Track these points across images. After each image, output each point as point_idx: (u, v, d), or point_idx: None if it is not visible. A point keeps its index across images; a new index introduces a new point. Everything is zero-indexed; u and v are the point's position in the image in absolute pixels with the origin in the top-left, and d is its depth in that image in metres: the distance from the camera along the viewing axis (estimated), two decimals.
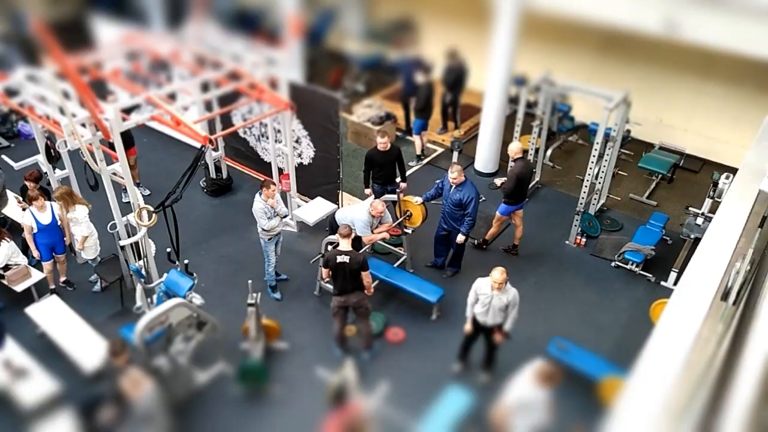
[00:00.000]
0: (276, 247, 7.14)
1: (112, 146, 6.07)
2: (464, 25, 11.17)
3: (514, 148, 7.39)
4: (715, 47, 7.21)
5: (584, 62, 10.60)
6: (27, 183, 7.02)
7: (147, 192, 8.74)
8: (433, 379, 6.09)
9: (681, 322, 2.32)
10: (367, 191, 7.95)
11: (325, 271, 6.26)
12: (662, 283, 7.49)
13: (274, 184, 6.74)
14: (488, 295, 5.63)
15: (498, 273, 5.51)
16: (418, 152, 9.99)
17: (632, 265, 7.64)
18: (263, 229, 6.78)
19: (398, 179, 7.85)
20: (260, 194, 6.66)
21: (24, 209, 6.88)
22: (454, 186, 6.94)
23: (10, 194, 7.78)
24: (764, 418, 2.17)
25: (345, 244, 5.94)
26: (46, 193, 7.03)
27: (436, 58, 10.52)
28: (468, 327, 5.92)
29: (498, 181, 7.79)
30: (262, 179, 6.88)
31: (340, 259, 5.92)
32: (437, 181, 7.27)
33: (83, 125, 5.80)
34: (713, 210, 7.15)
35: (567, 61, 10.50)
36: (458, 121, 10.92)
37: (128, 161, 7.86)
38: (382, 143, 7.52)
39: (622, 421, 2.09)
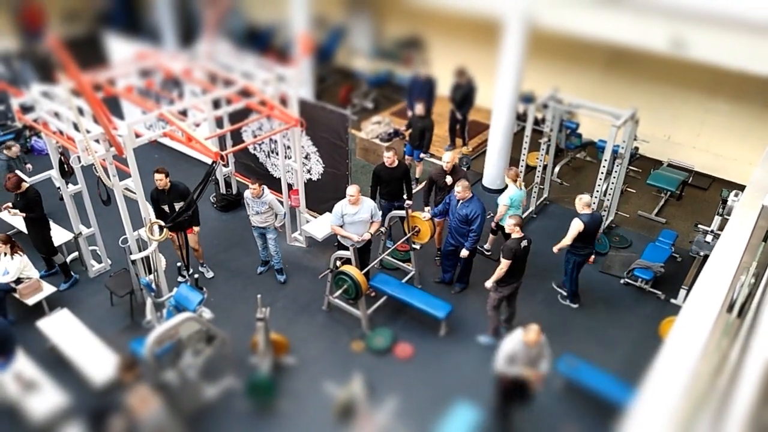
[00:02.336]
0: (264, 241, 7.54)
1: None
2: (472, 42, 11.28)
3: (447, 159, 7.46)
4: (722, 65, 7.25)
5: (591, 79, 10.66)
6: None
7: (211, 274, 7.81)
8: (441, 395, 6.07)
9: (688, 335, 2.33)
10: None
11: (505, 264, 6.31)
12: (672, 300, 7.45)
13: (255, 183, 7.07)
14: (526, 352, 5.29)
15: (534, 333, 5.19)
16: (418, 175, 10.02)
17: (641, 282, 7.61)
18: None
19: (405, 196, 7.88)
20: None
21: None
22: (460, 201, 6.98)
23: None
24: (764, 417, 2.17)
25: (519, 231, 6.33)
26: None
27: (445, 75, 10.60)
28: (529, 373, 5.35)
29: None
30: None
31: (524, 243, 6.32)
32: (447, 196, 7.30)
33: (97, 141, 5.89)
34: (722, 227, 7.14)
35: (574, 78, 10.57)
36: (466, 137, 10.98)
37: (189, 240, 7.36)
38: (389, 158, 7.56)
39: None
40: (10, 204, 7.07)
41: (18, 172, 7.67)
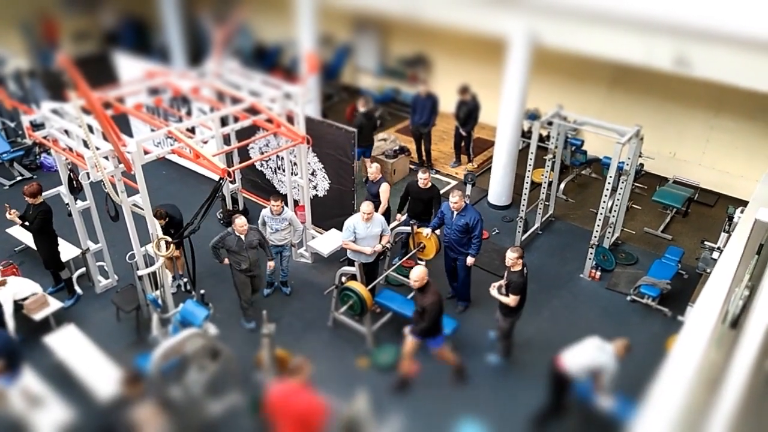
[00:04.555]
0: (281, 259, 7.56)
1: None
2: (478, 60, 11.39)
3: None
4: (726, 83, 7.28)
5: (596, 96, 10.72)
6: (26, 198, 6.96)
7: (188, 287, 7.69)
8: (447, 413, 6.04)
9: (687, 351, 2.34)
10: (398, 216, 8.08)
11: (514, 300, 6.19)
12: (679, 317, 7.40)
13: (278, 200, 7.16)
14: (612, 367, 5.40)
15: (623, 345, 5.39)
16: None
17: (648, 299, 7.57)
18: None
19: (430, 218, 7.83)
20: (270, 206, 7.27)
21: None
22: (456, 212, 6.98)
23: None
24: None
25: (520, 264, 6.16)
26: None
27: (451, 92, 10.67)
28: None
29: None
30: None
31: (525, 271, 6.17)
32: (439, 210, 7.31)
33: (106, 158, 5.96)
34: None
35: (579, 95, 10.63)
36: (471, 154, 11.03)
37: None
38: (423, 179, 7.61)
39: None
40: (15, 210, 7.09)
41: None
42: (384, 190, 7.76)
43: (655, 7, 6.95)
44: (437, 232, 7.35)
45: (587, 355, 5.45)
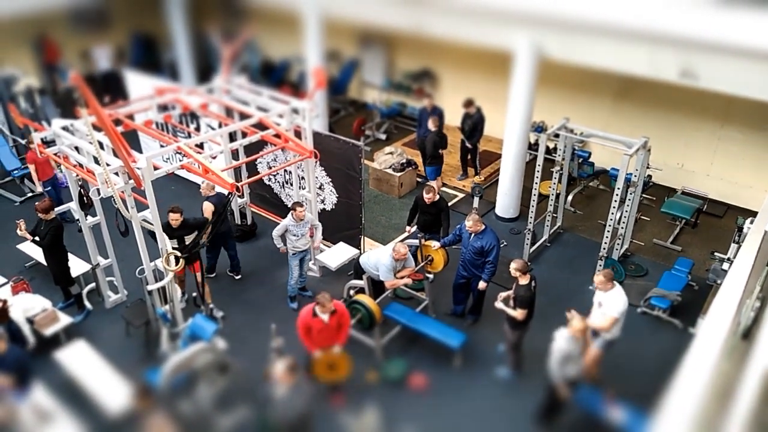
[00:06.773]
0: (301, 264, 7.65)
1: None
2: (484, 74, 11.44)
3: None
4: (733, 94, 7.28)
5: (602, 108, 10.73)
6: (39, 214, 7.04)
7: (221, 313, 7.56)
8: (456, 428, 6.00)
9: (699, 360, 2.32)
10: (407, 228, 8.14)
11: (521, 314, 6.30)
12: (690, 329, 7.35)
13: (301, 205, 7.24)
14: (576, 346, 5.54)
15: (579, 321, 5.47)
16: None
17: (659, 311, 7.52)
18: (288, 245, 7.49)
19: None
20: (291, 215, 7.30)
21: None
22: (473, 234, 6.97)
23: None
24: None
25: (524, 276, 6.29)
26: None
27: (457, 106, 10.72)
28: (567, 391, 5.67)
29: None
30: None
31: (533, 284, 6.31)
32: (457, 226, 7.31)
33: (116, 174, 6.01)
34: None
35: (585, 107, 10.65)
36: (478, 167, 11.04)
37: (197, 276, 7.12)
38: (427, 199, 7.69)
39: None
40: (23, 224, 7.14)
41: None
42: (205, 208, 7.67)
43: (660, 20, 6.98)
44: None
45: (554, 353, 5.55)
